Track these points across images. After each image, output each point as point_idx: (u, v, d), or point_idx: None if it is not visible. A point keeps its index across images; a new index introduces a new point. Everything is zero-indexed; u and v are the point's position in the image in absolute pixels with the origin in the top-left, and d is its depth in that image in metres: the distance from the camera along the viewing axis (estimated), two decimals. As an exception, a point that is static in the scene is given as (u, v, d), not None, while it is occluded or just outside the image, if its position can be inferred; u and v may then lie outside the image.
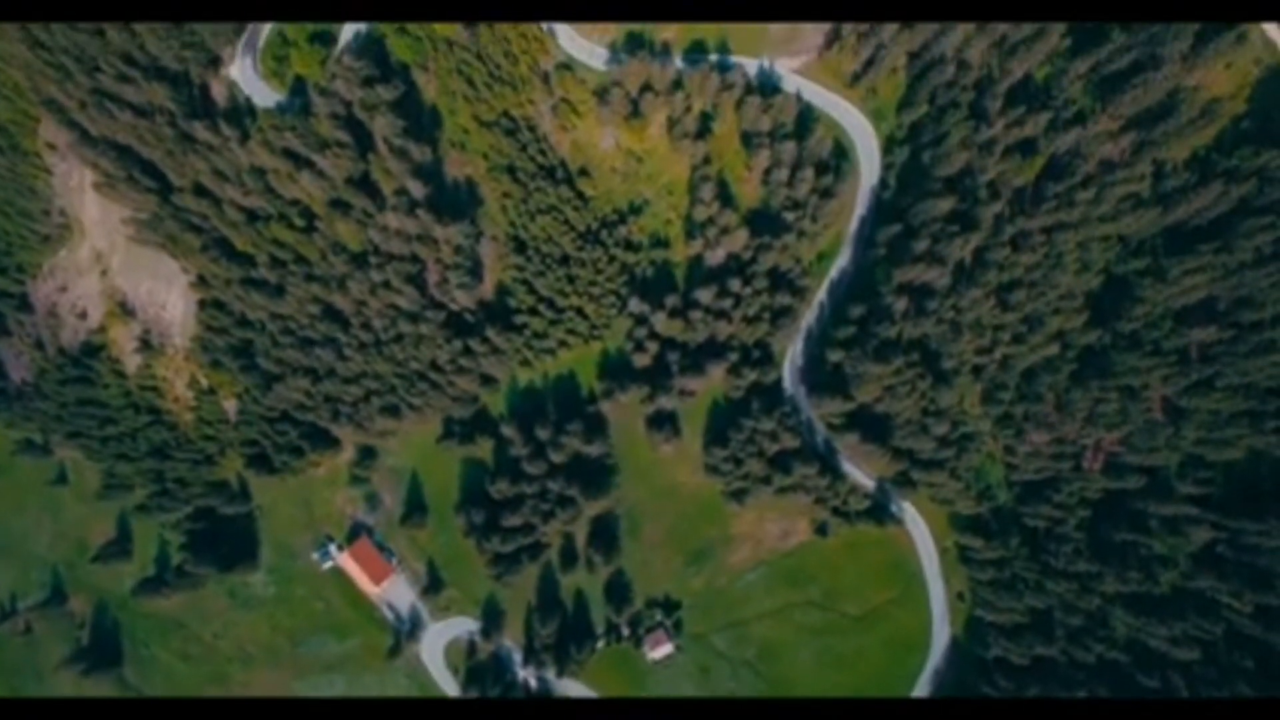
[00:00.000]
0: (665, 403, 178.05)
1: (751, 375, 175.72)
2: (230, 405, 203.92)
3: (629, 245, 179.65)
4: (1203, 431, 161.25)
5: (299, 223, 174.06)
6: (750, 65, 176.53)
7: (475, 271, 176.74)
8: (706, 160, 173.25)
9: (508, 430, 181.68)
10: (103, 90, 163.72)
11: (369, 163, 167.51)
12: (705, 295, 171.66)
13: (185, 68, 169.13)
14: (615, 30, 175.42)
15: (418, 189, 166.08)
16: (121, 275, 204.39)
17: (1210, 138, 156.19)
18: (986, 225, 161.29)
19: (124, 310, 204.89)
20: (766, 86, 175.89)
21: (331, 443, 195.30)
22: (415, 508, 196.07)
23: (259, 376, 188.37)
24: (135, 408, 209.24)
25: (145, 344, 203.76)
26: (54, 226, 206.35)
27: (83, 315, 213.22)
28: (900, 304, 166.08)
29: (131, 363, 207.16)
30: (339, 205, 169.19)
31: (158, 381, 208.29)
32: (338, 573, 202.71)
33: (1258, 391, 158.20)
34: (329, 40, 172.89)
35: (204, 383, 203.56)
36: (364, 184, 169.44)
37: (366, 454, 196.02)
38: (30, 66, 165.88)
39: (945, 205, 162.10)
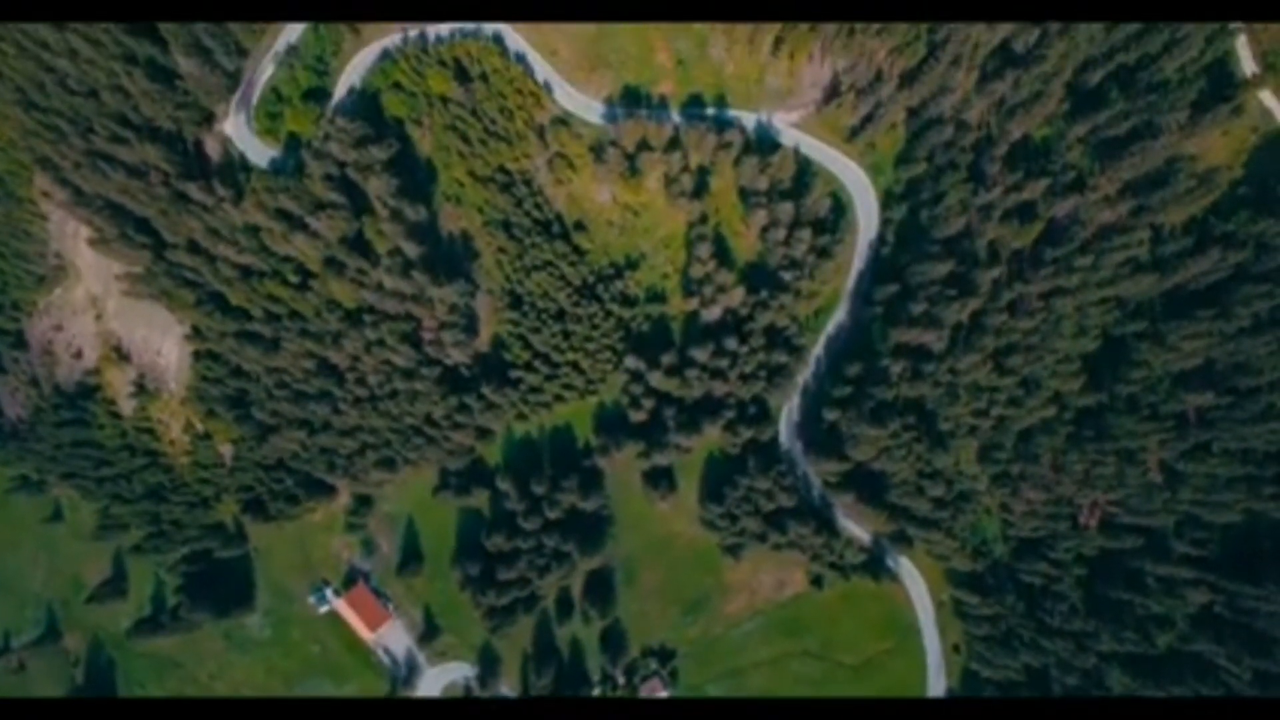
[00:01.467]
0: (661, 459, 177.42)
1: (748, 433, 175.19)
2: (226, 450, 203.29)
3: (625, 300, 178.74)
4: (1199, 495, 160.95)
5: (293, 279, 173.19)
6: (748, 119, 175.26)
7: (470, 328, 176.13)
8: (703, 218, 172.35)
9: (503, 484, 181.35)
10: (96, 151, 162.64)
11: (363, 223, 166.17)
12: (701, 354, 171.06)
13: (179, 127, 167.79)
14: (611, 85, 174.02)
15: (412, 249, 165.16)
16: (116, 320, 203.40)
17: (1208, 204, 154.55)
18: (984, 290, 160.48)
19: (119, 355, 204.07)
20: (764, 141, 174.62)
21: (327, 490, 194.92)
22: (411, 555, 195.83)
23: (254, 427, 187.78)
24: (131, 450, 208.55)
25: (141, 388, 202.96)
26: (49, 267, 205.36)
27: (78, 355, 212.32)
28: (897, 367, 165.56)
29: (127, 406, 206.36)
30: (333, 264, 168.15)
31: (153, 424, 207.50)
32: (334, 617, 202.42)
33: (1255, 457, 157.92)
34: (323, 97, 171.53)
35: (199, 428, 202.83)
36: (358, 243, 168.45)
37: (362, 501, 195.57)
38: (24, 127, 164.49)
39: (943, 268, 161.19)
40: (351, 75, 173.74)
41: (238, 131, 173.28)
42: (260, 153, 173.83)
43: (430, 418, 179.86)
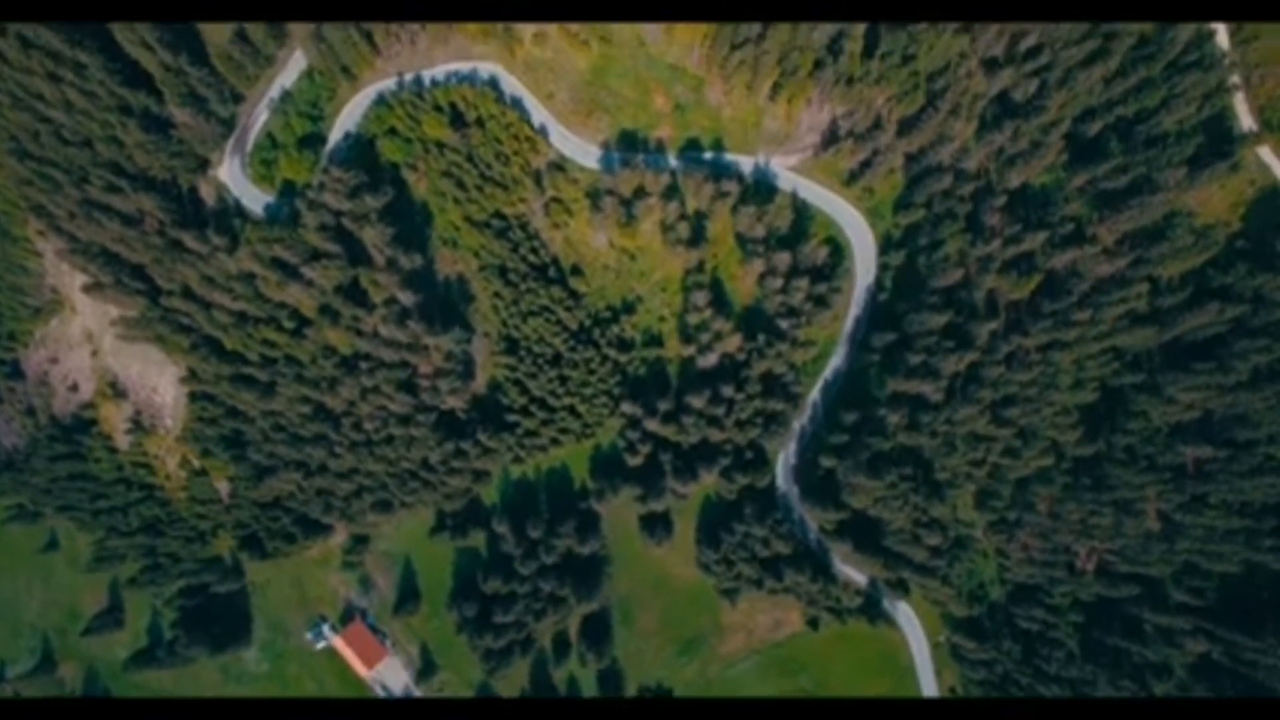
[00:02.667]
0: (657, 505, 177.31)
1: (744, 479, 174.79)
2: (223, 486, 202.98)
3: (621, 344, 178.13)
4: (1197, 545, 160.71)
5: (289, 325, 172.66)
6: (745, 163, 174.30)
7: (467, 372, 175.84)
8: (700, 265, 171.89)
9: (500, 527, 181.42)
10: (91, 200, 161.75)
11: (359, 272, 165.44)
12: (698, 400, 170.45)
13: (173, 175, 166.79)
14: (608, 129, 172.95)
15: (408, 297, 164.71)
16: (112, 356, 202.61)
17: (1206, 259, 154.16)
18: (981, 342, 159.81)
19: (115, 391, 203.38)
20: (761, 185, 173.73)
21: (324, 529, 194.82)
22: (408, 594, 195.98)
23: (250, 468, 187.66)
24: (127, 483, 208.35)
25: (137, 425, 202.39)
26: (45, 301, 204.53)
27: (74, 388, 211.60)
28: (894, 417, 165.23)
29: (123, 441, 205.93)
30: (328, 312, 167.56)
31: (149, 459, 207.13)
32: (331, 653, 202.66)
33: (1253, 509, 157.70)
34: (318, 142, 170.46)
35: (196, 464, 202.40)
36: (354, 291, 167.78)
37: (359, 540, 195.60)
38: (19, 176, 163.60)
39: (940, 319, 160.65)
40: (346, 120, 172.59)
41: (233, 177, 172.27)
42: (255, 199, 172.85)
43: (426, 462, 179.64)
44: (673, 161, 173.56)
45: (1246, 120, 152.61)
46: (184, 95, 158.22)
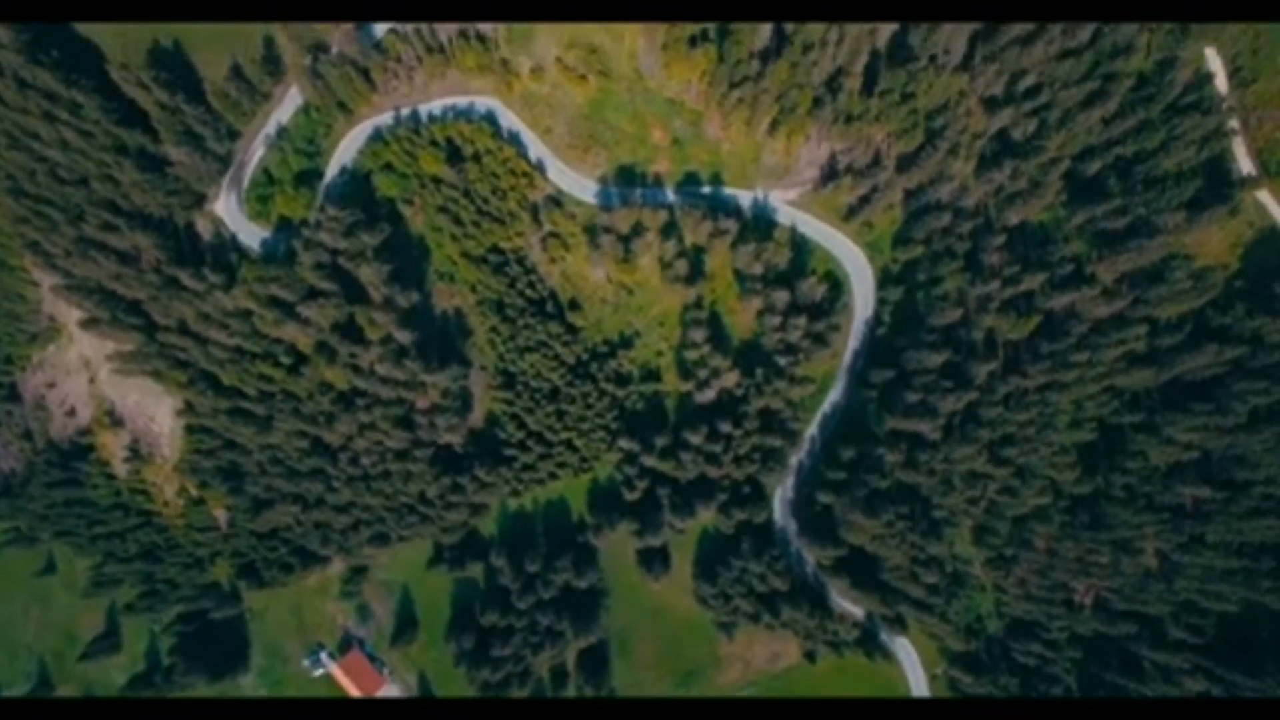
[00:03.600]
0: (655, 540, 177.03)
1: (742, 515, 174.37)
2: (221, 514, 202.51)
3: (619, 379, 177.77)
4: (1196, 584, 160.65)
5: (285, 360, 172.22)
6: (744, 197, 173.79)
7: (464, 410, 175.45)
8: (698, 301, 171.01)
9: (497, 561, 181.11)
10: (87, 238, 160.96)
11: (355, 309, 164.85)
12: (695, 437, 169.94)
13: (170, 212, 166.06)
14: (606, 163, 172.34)
15: (405, 336, 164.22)
16: (109, 385, 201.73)
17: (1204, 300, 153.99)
18: (980, 382, 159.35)
19: (112, 419, 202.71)
20: (760, 219, 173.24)
21: (321, 559, 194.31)
22: (406, 623, 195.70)
23: (247, 500, 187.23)
24: (124, 509, 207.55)
25: (134, 453, 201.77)
26: (42, 327, 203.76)
27: (71, 413, 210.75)
28: (891, 455, 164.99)
29: (121, 468, 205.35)
30: (325, 349, 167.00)
31: (147, 486, 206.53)
32: (329, 681, 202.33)
33: (1251, 549, 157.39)
34: (314, 178, 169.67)
35: (193, 492, 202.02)
36: (351, 329, 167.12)
37: (357, 569, 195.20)
38: (15, 214, 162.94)
39: (938, 358, 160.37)
40: (343, 155, 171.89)
41: (229, 213, 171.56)
42: (252, 234, 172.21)
43: (424, 496, 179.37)
44: (671, 196, 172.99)
45: (1245, 163, 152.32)
46: (180, 134, 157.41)
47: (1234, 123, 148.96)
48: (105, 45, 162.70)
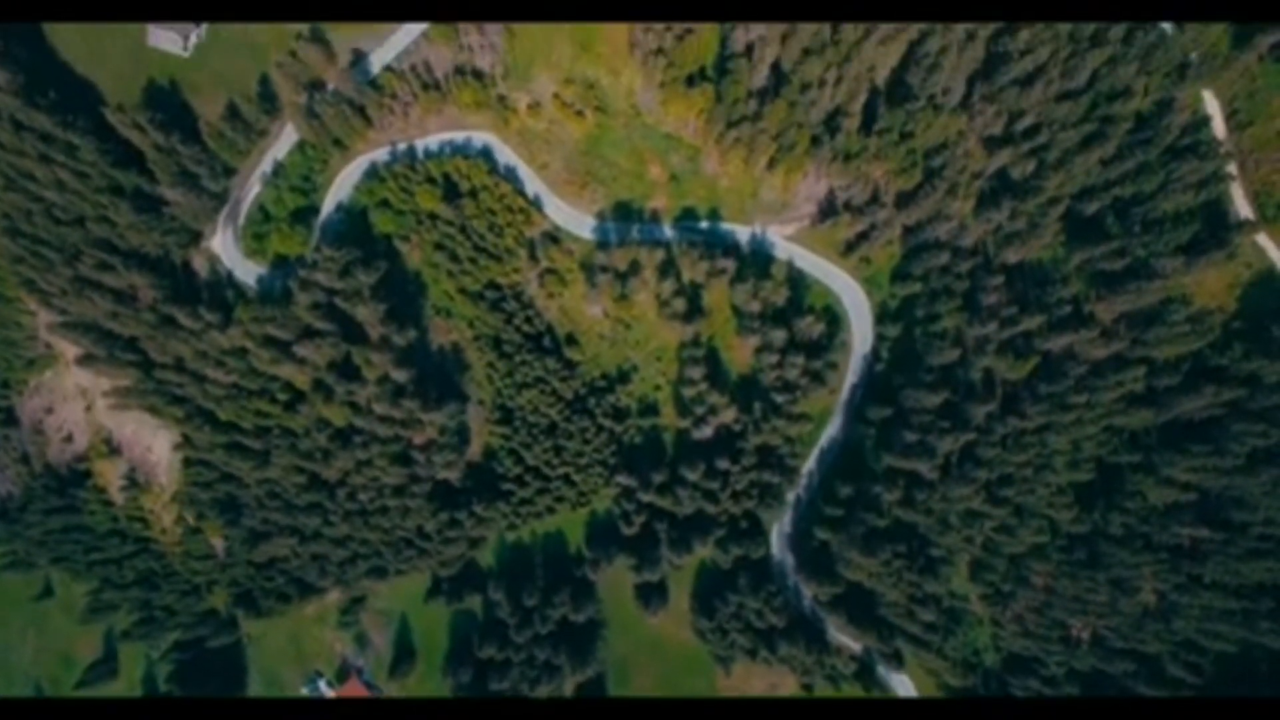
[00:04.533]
0: (652, 575, 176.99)
1: (739, 550, 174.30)
2: (218, 543, 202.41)
3: (617, 413, 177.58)
4: (1193, 624, 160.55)
5: (282, 397, 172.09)
6: (742, 232, 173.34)
7: (461, 441, 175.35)
8: (696, 339, 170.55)
9: (495, 594, 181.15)
10: (83, 277, 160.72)
11: (352, 349, 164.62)
12: (693, 474, 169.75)
13: (166, 251, 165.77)
14: (603, 200, 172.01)
15: (401, 375, 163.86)
16: (106, 414, 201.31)
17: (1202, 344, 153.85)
18: (977, 422, 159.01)
19: (109, 448, 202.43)
20: (758, 253, 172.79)
21: (319, 590, 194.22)
22: (404, 654, 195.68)
23: (244, 532, 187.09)
24: (122, 536, 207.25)
25: (131, 481, 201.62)
26: (39, 353, 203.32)
27: (68, 439, 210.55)
28: (889, 494, 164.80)
29: (118, 495, 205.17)
30: (322, 387, 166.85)
31: (145, 514, 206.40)
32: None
33: (1249, 590, 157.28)
34: (311, 214, 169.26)
35: (191, 520, 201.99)
36: (348, 367, 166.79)
37: (355, 599, 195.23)
38: (10, 254, 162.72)
39: (936, 399, 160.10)
40: (339, 190, 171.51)
41: (225, 249, 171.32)
42: (248, 270, 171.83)
43: (421, 530, 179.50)
44: (668, 231, 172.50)
45: (1242, 205, 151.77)
46: (175, 174, 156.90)
47: (1231, 168, 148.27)
48: (102, 84, 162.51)
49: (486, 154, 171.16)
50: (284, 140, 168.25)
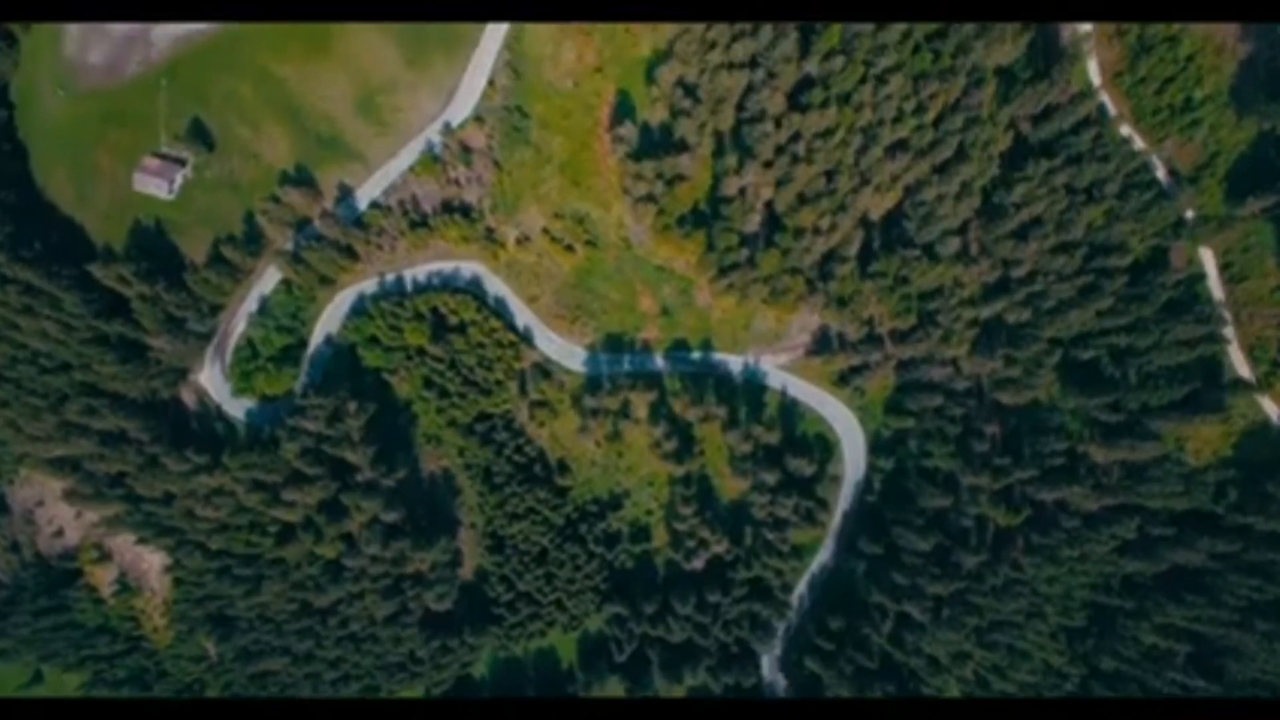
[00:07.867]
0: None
1: (730, 679, 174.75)
2: (210, 645, 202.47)
3: (608, 539, 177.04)
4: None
5: (273, 530, 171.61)
6: (734, 362, 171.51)
7: (453, 575, 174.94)
8: (687, 478, 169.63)
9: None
10: (70, 422, 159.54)
11: (341, 492, 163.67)
12: (684, 607, 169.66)
13: (153, 393, 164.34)
14: (594, 332, 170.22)
15: (391, 516, 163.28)
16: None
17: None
18: (968, 570, 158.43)
19: (100, 554, 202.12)
20: (751, 383, 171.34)
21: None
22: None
23: (235, 649, 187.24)
24: (113, 634, 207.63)
25: (123, 585, 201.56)
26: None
27: (59, 533, 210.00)
28: (878, 635, 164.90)
29: (109, 596, 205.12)
30: (311, 527, 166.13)
31: (135, 614, 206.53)
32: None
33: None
34: (298, 350, 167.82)
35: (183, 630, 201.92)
36: (336, 508, 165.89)
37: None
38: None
39: (927, 543, 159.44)
40: (328, 322, 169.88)
41: (213, 383, 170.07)
42: (236, 404, 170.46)
43: (414, 655, 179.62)
44: (660, 363, 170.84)
45: (1238, 359, 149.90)
46: (161, 321, 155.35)
47: (1227, 330, 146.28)
48: (89, 225, 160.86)
49: (475, 284, 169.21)
50: (269, 278, 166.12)
